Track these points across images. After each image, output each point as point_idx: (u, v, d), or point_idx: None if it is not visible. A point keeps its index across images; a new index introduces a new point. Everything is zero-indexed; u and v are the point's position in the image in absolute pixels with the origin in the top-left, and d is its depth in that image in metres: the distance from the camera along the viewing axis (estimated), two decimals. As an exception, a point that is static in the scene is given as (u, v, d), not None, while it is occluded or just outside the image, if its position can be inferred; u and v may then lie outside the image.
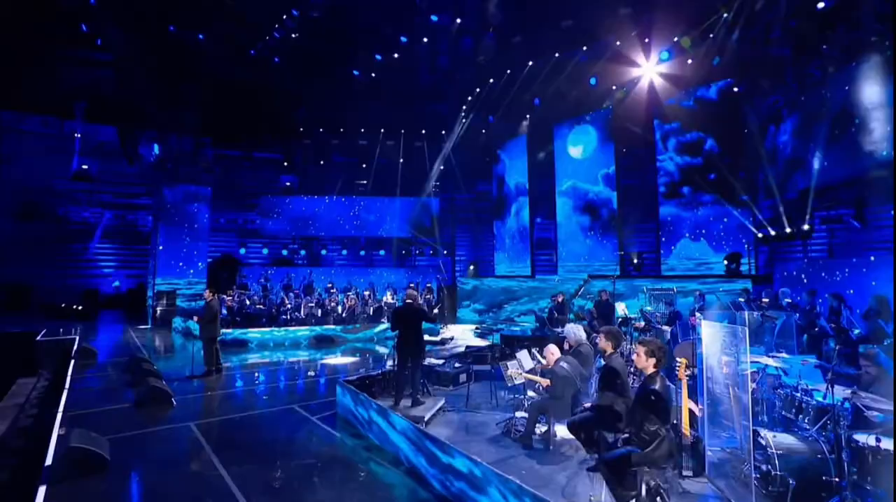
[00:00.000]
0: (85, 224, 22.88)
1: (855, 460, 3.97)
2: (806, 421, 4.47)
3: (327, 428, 6.33)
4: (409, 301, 7.07)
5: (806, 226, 9.84)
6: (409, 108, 20.68)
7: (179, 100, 18.40)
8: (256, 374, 9.87)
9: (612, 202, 16.97)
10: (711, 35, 12.21)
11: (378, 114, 20.97)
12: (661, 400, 3.44)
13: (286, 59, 18.33)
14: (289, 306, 15.47)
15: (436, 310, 12.46)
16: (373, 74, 18.50)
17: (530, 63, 16.15)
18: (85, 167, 22.33)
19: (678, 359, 4.33)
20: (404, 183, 22.52)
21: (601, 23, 13.04)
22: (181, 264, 17.68)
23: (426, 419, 6.32)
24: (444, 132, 21.65)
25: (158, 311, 16.02)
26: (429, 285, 19.78)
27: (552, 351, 5.97)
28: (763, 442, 4.40)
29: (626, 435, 3.74)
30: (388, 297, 17.55)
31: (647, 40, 13.92)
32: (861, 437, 3.98)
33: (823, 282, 9.71)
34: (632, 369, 6.57)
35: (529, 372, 6.33)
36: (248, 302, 15.27)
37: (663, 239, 15.16)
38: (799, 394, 4.62)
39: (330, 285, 19.42)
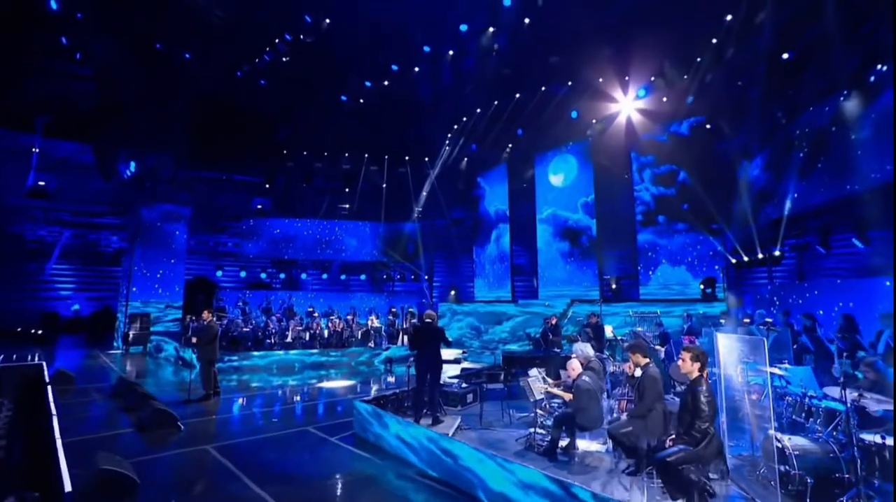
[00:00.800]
0: (41, 243, 21.58)
1: (864, 457, 4.41)
2: (817, 423, 4.92)
3: (350, 447, 6.27)
4: (428, 320, 7.22)
5: (777, 253, 10.82)
6: (394, 134, 21.11)
7: (161, 118, 18.02)
8: (256, 398, 9.56)
9: (591, 229, 17.80)
10: (686, 76, 13.49)
11: (362, 138, 21.27)
12: (709, 400, 3.77)
13: (273, 81, 18.43)
14: (273, 330, 15.09)
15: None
16: (361, 100, 18.88)
17: (518, 95, 17.06)
18: (41, 183, 21.22)
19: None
20: (386, 208, 22.72)
21: (586, 60, 14.12)
22: (157, 286, 16.93)
23: (450, 436, 6.40)
24: (427, 159, 22.17)
25: (132, 335, 15.16)
26: (410, 310, 19.79)
27: (574, 366, 6.24)
28: (780, 445, 4.80)
29: (673, 437, 4.03)
30: (373, 321, 17.44)
31: (626, 78, 15.13)
32: (868, 436, 4.44)
33: (791, 303, 10.62)
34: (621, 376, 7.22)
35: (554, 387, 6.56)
36: (231, 325, 14.79)
37: (640, 266, 16.02)
38: (807, 400, 5.09)
39: (311, 309, 19.10)
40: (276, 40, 16.37)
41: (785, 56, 10.33)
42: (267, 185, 21.66)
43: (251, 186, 21.83)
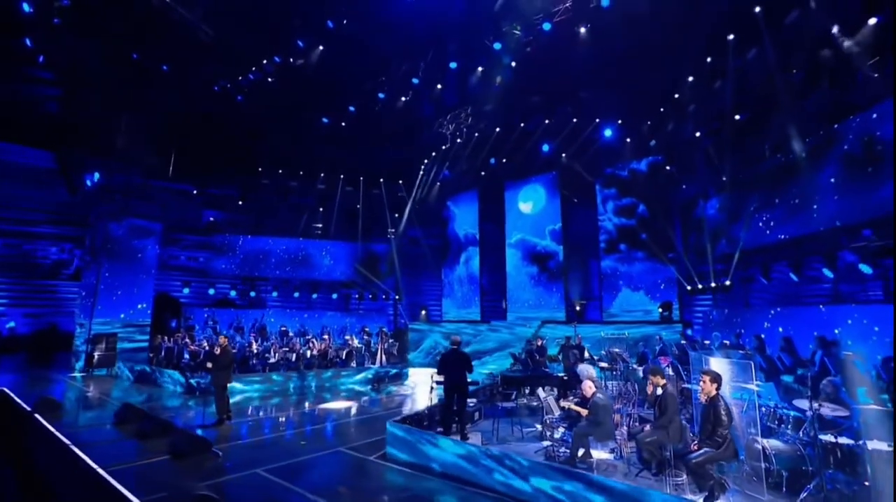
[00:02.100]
0: (-37, 253, 19.56)
1: (823, 454, 5.72)
2: (788, 428, 6.22)
3: (392, 465, 6.76)
4: (454, 346, 7.91)
5: (728, 282, 12.72)
6: (371, 156, 21.64)
7: (131, 128, 17.35)
8: (269, 420, 9.65)
9: (558, 255, 19.30)
10: (649, 122, 15.47)
11: (338, 158, 21.59)
12: (727, 412, 4.86)
13: (254, 98, 18.40)
14: (257, 350, 14.87)
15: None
16: (343, 123, 19.28)
17: (497, 129, 18.36)
18: (-37, 188, 19.37)
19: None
20: (360, 228, 23.04)
21: (562, 101, 15.74)
22: (125, 304, 16.05)
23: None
24: (401, 181, 22.85)
25: (97, 357, 14.26)
26: (383, 329, 20.11)
27: (589, 384, 7.22)
28: (759, 446, 6.04)
29: (696, 442, 5.07)
30: (352, 341, 17.58)
31: (596, 120, 16.95)
32: (825, 436, 5.76)
33: (736, 326, 12.46)
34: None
35: (577, 403, 7.47)
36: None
37: (603, 290, 17.67)
38: (778, 410, 6.41)
39: (284, 328, 18.87)
40: (264, 61, 16.50)
41: (737, 117, 12.46)
42: (240, 202, 21.26)
43: (225, 201, 21.31)
